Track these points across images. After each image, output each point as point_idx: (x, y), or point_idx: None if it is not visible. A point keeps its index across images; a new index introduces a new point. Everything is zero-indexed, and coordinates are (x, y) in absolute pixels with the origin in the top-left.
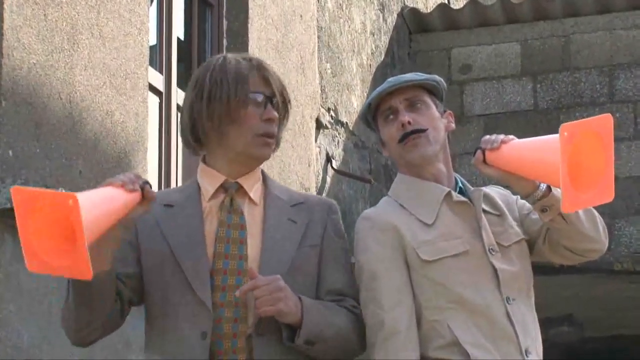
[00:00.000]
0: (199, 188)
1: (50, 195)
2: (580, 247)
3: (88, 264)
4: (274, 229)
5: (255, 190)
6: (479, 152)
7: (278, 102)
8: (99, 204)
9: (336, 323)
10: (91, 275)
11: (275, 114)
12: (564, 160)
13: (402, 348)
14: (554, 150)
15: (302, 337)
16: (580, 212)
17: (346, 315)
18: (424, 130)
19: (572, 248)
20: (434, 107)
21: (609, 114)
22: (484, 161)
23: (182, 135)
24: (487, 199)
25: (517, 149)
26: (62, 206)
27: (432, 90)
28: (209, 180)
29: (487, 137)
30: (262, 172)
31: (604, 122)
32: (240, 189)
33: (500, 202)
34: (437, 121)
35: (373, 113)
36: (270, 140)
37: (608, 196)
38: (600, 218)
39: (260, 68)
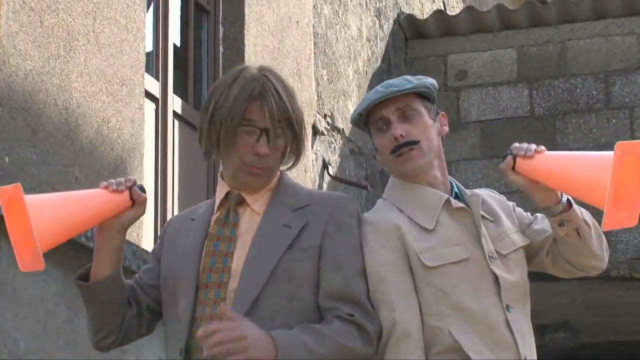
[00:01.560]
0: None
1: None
2: (585, 263)
3: (38, 255)
4: (263, 238)
5: (260, 200)
6: (509, 158)
7: (273, 133)
8: (65, 201)
9: (317, 349)
10: (42, 267)
11: (265, 149)
12: (614, 178)
13: (413, 352)
14: (600, 167)
15: None
16: (592, 229)
17: (336, 331)
18: (416, 142)
19: (577, 263)
20: (426, 114)
21: None
22: (513, 168)
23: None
24: (483, 203)
25: (552, 161)
26: (10, 199)
27: (423, 94)
28: (219, 192)
29: (519, 144)
30: (281, 175)
31: None
32: (243, 200)
33: (496, 208)
34: (430, 130)
35: (365, 119)
36: (257, 171)
37: (634, 220)
38: (604, 236)
39: (262, 97)
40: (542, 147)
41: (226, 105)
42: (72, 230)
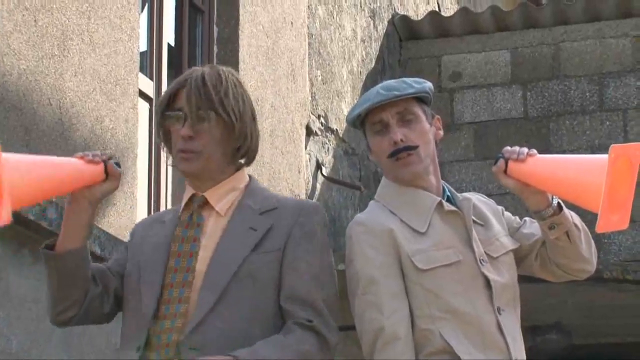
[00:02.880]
0: None
1: None
2: (574, 266)
3: (6, 206)
4: (228, 240)
5: (224, 202)
6: (501, 161)
7: (195, 115)
8: (40, 163)
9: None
10: (9, 220)
11: (186, 131)
12: (608, 180)
13: (402, 355)
14: (594, 170)
15: None
16: (582, 233)
17: (296, 339)
18: (415, 147)
19: (566, 267)
20: (424, 118)
21: None
22: (505, 171)
23: None
24: (474, 207)
25: (544, 164)
26: None
27: (421, 98)
28: (184, 195)
29: (511, 148)
30: (250, 179)
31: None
32: (207, 201)
33: (486, 212)
34: (427, 135)
35: (362, 119)
36: (187, 155)
37: (625, 222)
38: (592, 240)
39: (187, 83)
40: (534, 151)
41: (161, 98)
42: (44, 190)
